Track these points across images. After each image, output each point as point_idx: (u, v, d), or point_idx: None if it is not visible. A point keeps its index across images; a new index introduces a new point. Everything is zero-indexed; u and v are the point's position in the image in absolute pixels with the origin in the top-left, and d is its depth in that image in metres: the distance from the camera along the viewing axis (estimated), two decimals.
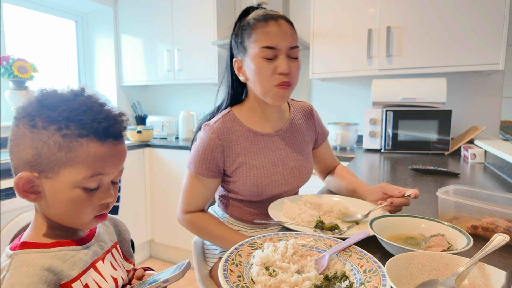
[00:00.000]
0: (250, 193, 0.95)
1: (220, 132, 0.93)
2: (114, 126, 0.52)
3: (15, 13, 2.40)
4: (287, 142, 1.01)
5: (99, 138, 0.50)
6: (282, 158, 0.98)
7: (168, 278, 0.53)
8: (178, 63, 2.58)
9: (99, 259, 0.56)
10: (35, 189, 0.50)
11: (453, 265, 0.51)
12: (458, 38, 1.83)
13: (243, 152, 0.94)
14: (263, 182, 0.94)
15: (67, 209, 0.51)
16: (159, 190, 2.53)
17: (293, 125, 1.04)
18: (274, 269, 0.53)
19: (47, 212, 0.53)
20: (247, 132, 0.96)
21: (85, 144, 0.49)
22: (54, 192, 0.50)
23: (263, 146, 0.97)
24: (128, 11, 2.76)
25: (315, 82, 2.55)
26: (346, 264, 0.56)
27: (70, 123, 0.49)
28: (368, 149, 2.12)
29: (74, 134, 0.49)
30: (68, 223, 0.53)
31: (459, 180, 1.30)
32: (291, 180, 0.99)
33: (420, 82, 1.97)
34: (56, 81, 2.73)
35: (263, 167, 0.95)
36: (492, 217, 0.71)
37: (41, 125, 0.48)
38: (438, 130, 1.91)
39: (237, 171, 0.94)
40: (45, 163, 0.49)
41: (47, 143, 0.48)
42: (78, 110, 0.50)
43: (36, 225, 0.54)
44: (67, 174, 0.49)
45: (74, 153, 0.49)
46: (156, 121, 2.78)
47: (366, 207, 0.89)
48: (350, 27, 2.07)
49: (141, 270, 0.67)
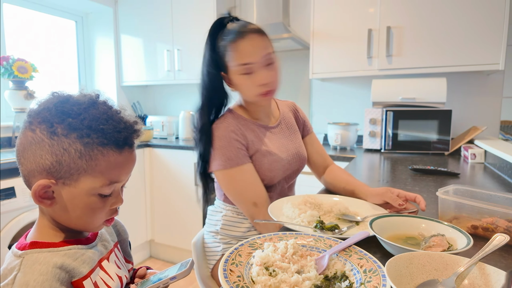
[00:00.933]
0: (264, 177, 1.02)
1: (234, 124, 1.01)
2: (132, 135, 0.54)
3: (15, 13, 2.40)
4: (284, 132, 1.13)
5: (118, 147, 0.52)
6: (285, 145, 1.09)
7: (175, 275, 0.53)
8: (178, 63, 2.58)
9: (104, 258, 0.57)
10: (49, 195, 0.51)
11: (453, 265, 0.51)
12: (458, 38, 1.83)
13: (255, 140, 1.02)
14: (275, 166, 1.03)
15: (83, 215, 0.52)
16: (159, 190, 2.53)
17: (284, 118, 1.16)
18: (274, 269, 0.53)
19: (62, 217, 0.53)
20: (253, 125, 1.05)
21: (105, 153, 0.50)
22: (71, 198, 0.51)
23: (269, 135, 1.07)
24: (128, 11, 2.76)
25: (315, 82, 2.55)
26: (346, 264, 0.56)
27: (91, 132, 0.49)
28: (368, 149, 2.12)
29: (95, 142, 0.49)
30: (81, 227, 0.54)
31: (459, 180, 1.29)
32: (294, 164, 1.10)
33: (420, 82, 1.97)
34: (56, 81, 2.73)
35: (271, 154, 1.03)
36: (492, 217, 0.71)
37: (61, 132, 0.49)
38: (438, 130, 1.91)
39: (253, 157, 1.01)
40: (64, 170, 0.49)
41: (68, 150, 0.48)
42: (100, 119, 0.51)
43: (41, 226, 0.54)
44: (86, 181, 0.50)
45: (94, 161, 0.50)
46: (156, 121, 2.78)
47: (367, 207, 0.88)
48: (350, 27, 2.07)
49: (143, 268, 0.67)
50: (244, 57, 0.92)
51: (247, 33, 0.92)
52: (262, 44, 0.94)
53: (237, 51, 0.92)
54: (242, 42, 0.92)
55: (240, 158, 0.97)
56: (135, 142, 0.55)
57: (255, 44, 0.92)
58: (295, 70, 2.60)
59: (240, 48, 0.92)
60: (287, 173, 1.09)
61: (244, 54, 0.92)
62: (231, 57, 0.93)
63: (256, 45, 0.93)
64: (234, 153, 0.96)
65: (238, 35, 0.92)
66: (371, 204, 0.90)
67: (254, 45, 0.92)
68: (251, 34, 0.93)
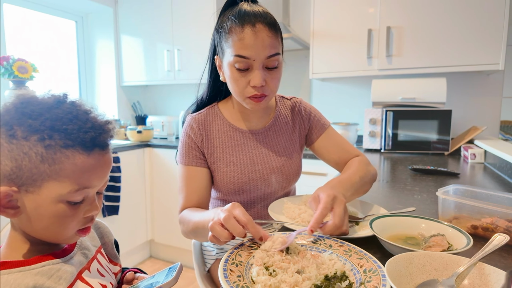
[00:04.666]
0: (227, 190, 0.94)
1: (201, 122, 0.94)
2: (102, 135, 0.49)
3: (15, 13, 2.40)
4: (269, 140, 0.98)
5: (85, 149, 0.47)
6: (262, 157, 0.95)
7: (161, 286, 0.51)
8: (178, 63, 2.58)
9: (84, 268, 0.54)
10: (13, 204, 0.46)
11: (453, 265, 0.51)
12: (458, 38, 1.83)
13: (221, 146, 0.93)
14: (240, 179, 0.92)
15: (50, 224, 0.48)
16: (159, 190, 2.53)
17: (278, 123, 0.99)
18: (274, 269, 0.53)
19: (27, 228, 0.49)
20: (227, 127, 0.95)
21: (70, 156, 0.46)
22: (35, 207, 0.47)
23: (242, 143, 0.95)
24: (128, 11, 2.76)
25: (315, 82, 2.55)
26: (346, 264, 0.56)
27: (54, 133, 0.45)
28: (368, 149, 2.12)
29: (59, 145, 0.45)
30: (50, 238, 0.50)
31: (459, 180, 1.30)
32: (272, 180, 0.95)
33: (420, 82, 1.97)
34: (56, 81, 2.73)
35: (240, 164, 0.93)
36: (492, 217, 0.71)
37: (21, 135, 0.44)
38: (438, 130, 1.91)
39: (214, 166, 0.93)
40: (26, 176, 0.45)
41: (28, 154, 0.44)
42: (63, 119, 0.46)
43: (12, 242, 0.50)
44: (51, 187, 0.46)
45: (58, 165, 0.45)
46: (156, 121, 2.78)
47: (367, 207, 0.89)
48: (350, 27, 2.07)
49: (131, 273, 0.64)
50: (245, 48, 0.78)
51: (259, 22, 0.78)
52: (270, 42, 0.78)
53: (239, 38, 0.78)
54: (248, 30, 0.77)
55: (190, 158, 0.92)
56: (108, 143, 0.51)
57: (263, 39, 0.77)
58: (295, 70, 2.60)
59: (243, 36, 0.77)
60: (264, 190, 0.95)
61: (246, 45, 0.77)
62: (231, 43, 0.79)
63: (263, 41, 0.78)
64: (186, 151, 0.92)
65: (247, 20, 0.78)
66: (371, 204, 0.90)
67: (262, 39, 0.77)
68: (263, 26, 0.78)
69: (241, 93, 0.84)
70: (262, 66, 0.81)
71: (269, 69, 0.82)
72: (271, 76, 0.82)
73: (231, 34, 0.79)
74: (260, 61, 0.79)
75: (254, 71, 0.80)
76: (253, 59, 0.79)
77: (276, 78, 0.84)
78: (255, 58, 0.79)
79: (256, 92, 0.82)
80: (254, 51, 0.78)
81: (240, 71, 0.81)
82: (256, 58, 0.79)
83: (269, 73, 0.82)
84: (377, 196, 1.07)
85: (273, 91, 0.85)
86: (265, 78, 0.81)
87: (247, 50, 0.78)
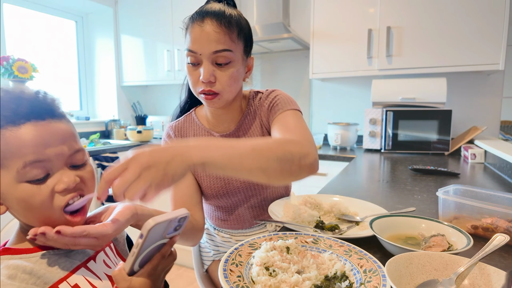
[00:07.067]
0: (207, 194, 0.94)
1: (177, 129, 0.96)
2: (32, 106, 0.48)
3: (15, 13, 2.40)
4: None
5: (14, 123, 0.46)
6: None
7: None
8: (178, 63, 2.58)
9: (90, 258, 0.55)
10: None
11: (453, 265, 0.51)
12: (458, 38, 1.83)
13: None
14: (216, 183, 0.92)
15: (21, 208, 0.48)
16: None
17: (246, 121, 0.94)
18: (274, 269, 0.53)
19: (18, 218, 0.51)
20: (203, 132, 0.95)
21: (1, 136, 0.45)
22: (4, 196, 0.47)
23: None
24: (128, 11, 2.76)
25: (315, 82, 2.54)
26: (346, 264, 0.56)
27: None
28: (368, 149, 2.12)
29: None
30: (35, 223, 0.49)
31: (459, 180, 1.29)
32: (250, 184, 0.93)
33: (420, 82, 1.97)
34: (56, 81, 2.73)
35: None
36: (492, 217, 0.71)
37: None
38: (438, 130, 1.91)
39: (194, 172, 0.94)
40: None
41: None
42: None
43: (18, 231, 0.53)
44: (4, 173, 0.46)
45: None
46: (156, 121, 2.78)
47: (366, 207, 0.88)
48: (350, 27, 2.07)
49: None
50: (193, 42, 0.78)
51: (208, 18, 0.78)
52: (217, 37, 0.77)
53: (189, 33, 0.80)
54: (196, 25, 0.78)
55: None
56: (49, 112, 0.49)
57: (208, 34, 0.77)
58: (295, 70, 2.60)
59: (191, 31, 0.79)
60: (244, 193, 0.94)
61: (193, 39, 0.78)
62: (186, 39, 0.82)
63: (208, 35, 0.77)
64: None
65: (199, 15, 0.79)
66: (371, 204, 0.90)
67: (207, 34, 0.77)
68: (211, 21, 0.77)
69: (194, 88, 0.83)
70: (211, 61, 0.79)
71: (219, 65, 0.80)
72: (221, 72, 0.80)
73: (186, 31, 0.82)
74: (206, 56, 0.78)
75: (202, 66, 0.79)
76: (199, 53, 0.78)
77: (227, 75, 0.80)
78: (201, 52, 0.78)
79: (204, 88, 0.80)
80: (200, 45, 0.78)
81: (192, 65, 0.81)
82: (202, 52, 0.78)
83: (219, 69, 0.80)
84: (377, 196, 1.07)
85: (225, 89, 0.81)
86: (214, 74, 0.79)
87: (194, 44, 0.78)
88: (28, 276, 0.46)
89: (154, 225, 0.43)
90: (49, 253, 0.50)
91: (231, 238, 1.01)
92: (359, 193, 1.10)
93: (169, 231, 0.49)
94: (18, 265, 0.46)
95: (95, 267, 0.55)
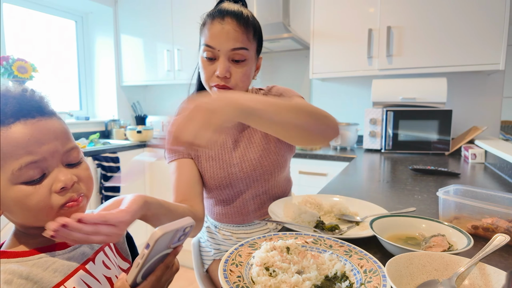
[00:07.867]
0: (210, 185, 0.95)
1: None
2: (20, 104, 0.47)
3: (15, 13, 2.40)
4: (244, 135, 0.97)
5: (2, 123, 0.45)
6: (240, 152, 0.96)
7: None
8: (178, 63, 2.58)
9: (89, 260, 0.54)
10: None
11: (453, 265, 0.51)
12: (458, 38, 1.82)
13: None
14: (219, 174, 0.94)
15: (19, 209, 0.47)
16: (159, 190, 2.53)
17: None
18: (274, 269, 0.53)
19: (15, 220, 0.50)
20: None
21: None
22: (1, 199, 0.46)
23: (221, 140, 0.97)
24: (128, 11, 2.76)
25: (315, 82, 2.54)
26: (346, 265, 0.56)
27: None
28: (368, 149, 2.11)
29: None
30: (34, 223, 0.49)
31: (460, 180, 1.29)
32: (252, 174, 0.95)
33: (420, 82, 1.97)
34: (56, 81, 2.73)
35: (219, 159, 0.95)
36: (493, 217, 0.71)
37: None
38: (439, 130, 1.91)
39: (197, 161, 0.95)
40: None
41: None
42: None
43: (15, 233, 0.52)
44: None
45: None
46: (156, 121, 2.78)
47: (366, 207, 0.88)
48: (350, 27, 2.07)
49: None
50: (213, 39, 0.82)
51: (228, 17, 0.83)
52: (236, 36, 0.82)
53: (208, 29, 0.84)
54: (216, 22, 0.83)
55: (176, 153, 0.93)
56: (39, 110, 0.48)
57: (228, 31, 0.82)
58: (295, 70, 2.60)
59: (211, 27, 0.83)
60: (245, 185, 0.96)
61: (212, 35, 0.82)
62: (203, 34, 0.86)
63: (228, 33, 0.82)
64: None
65: (218, 13, 0.83)
66: (371, 204, 0.90)
67: (227, 31, 0.82)
68: (231, 20, 0.82)
69: (207, 82, 0.87)
70: (228, 58, 0.84)
71: (235, 62, 0.85)
72: (236, 69, 0.85)
73: (204, 27, 0.86)
74: (224, 52, 0.83)
75: (219, 61, 0.84)
76: (217, 49, 0.83)
77: (241, 72, 0.85)
78: (220, 48, 0.82)
79: (219, 82, 0.84)
80: (219, 42, 0.82)
81: (208, 60, 0.85)
82: (221, 48, 0.82)
83: (234, 65, 0.85)
84: (377, 196, 1.07)
85: (238, 85, 0.86)
86: (229, 70, 0.84)
87: (213, 40, 0.83)
88: (24, 281, 0.45)
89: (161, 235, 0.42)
90: (47, 256, 0.49)
91: (232, 236, 1.01)
92: (359, 193, 1.10)
93: (174, 241, 0.48)
94: (14, 270, 0.45)
95: (94, 269, 0.54)
